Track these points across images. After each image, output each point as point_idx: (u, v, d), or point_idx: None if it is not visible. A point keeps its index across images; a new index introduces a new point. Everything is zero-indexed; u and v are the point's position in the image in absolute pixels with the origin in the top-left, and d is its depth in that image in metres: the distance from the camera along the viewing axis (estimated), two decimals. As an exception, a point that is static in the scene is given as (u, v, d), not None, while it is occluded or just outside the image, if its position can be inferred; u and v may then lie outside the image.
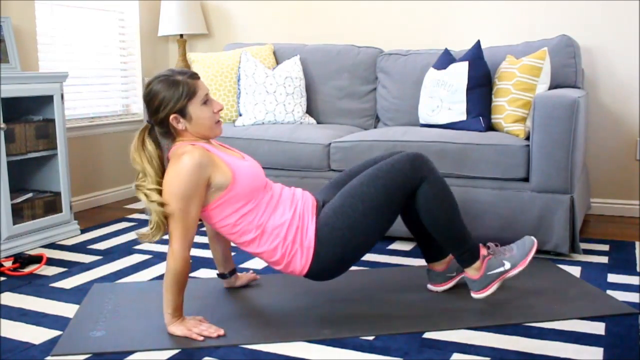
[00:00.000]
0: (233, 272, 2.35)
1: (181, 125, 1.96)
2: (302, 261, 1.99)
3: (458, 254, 2.10)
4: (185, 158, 1.87)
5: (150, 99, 1.95)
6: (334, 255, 1.99)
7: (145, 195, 1.92)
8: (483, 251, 2.10)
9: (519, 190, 2.72)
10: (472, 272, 2.09)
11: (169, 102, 1.93)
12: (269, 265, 2.08)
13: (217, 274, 2.36)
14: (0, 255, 2.72)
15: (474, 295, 2.12)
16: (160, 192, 1.91)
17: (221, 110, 2.00)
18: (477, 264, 2.08)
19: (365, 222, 1.98)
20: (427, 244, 2.26)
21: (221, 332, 1.92)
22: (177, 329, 1.93)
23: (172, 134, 2.01)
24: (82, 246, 2.97)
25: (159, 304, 2.21)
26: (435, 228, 2.06)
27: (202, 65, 3.54)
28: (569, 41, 3.10)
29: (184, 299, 1.95)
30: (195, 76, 1.97)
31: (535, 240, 2.12)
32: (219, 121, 2.02)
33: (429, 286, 2.30)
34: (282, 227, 1.97)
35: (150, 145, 1.97)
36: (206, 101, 1.97)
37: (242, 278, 2.38)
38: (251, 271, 2.47)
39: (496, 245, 2.14)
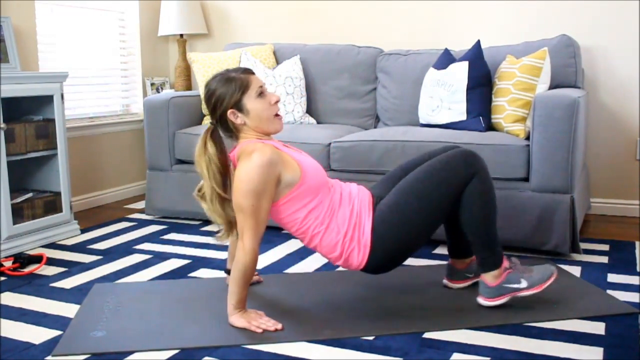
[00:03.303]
0: None
1: (240, 119, 2.01)
2: (359, 257, 2.03)
3: (483, 257, 2.09)
4: (255, 155, 1.91)
5: (208, 97, 2.03)
6: (390, 251, 2.03)
7: (205, 201, 2.04)
8: (505, 263, 2.10)
9: (519, 190, 2.72)
10: (489, 279, 2.10)
11: (224, 97, 1.99)
12: (328, 260, 2.12)
13: (225, 270, 2.37)
14: (0, 255, 2.72)
15: (481, 300, 2.12)
16: (220, 196, 2.01)
17: (278, 101, 2.03)
18: (497, 272, 2.09)
19: (419, 218, 2.02)
20: (457, 240, 2.27)
21: (279, 326, 1.96)
22: (238, 320, 1.97)
23: (234, 132, 2.05)
24: (82, 246, 2.97)
25: (160, 304, 2.21)
26: (471, 225, 2.06)
27: (202, 65, 3.54)
28: (569, 41, 3.11)
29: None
30: (248, 71, 2.04)
31: (556, 271, 2.12)
32: (277, 115, 2.05)
33: (445, 281, 2.32)
34: (344, 223, 2.01)
35: (211, 148, 2.02)
36: (261, 93, 2.01)
37: None
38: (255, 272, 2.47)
39: (519, 262, 2.14)
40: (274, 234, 3.04)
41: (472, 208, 2.03)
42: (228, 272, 2.36)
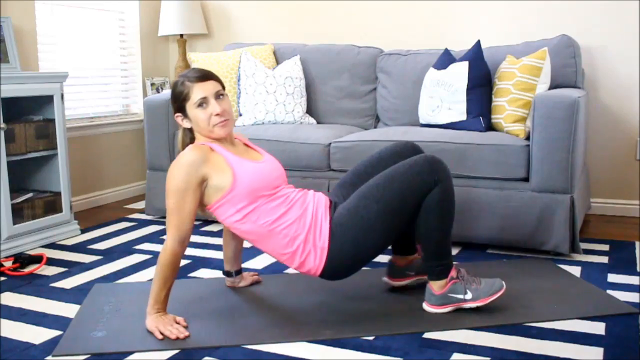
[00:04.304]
0: (239, 272, 2.36)
1: (185, 123, 2.07)
2: (316, 261, 2.00)
3: (432, 265, 2.07)
4: (181, 155, 1.98)
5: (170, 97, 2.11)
6: (347, 255, 2.00)
7: None
8: (453, 273, 2.07)
9: (519, 190, 2.72)
10: (435, 287, 2.08)
11: (172, 102, 2.09)
12: (283, 263, 2.10)
13: (223, 272, 2.37)
14: (0, 255, 2.72)
15: (426, 306, 2.10)
16: None
17: (219, 114, 2.00)
18: (443, 282, 2.06)
19: (378, 223, 1.99)
20: (401, 237, 2.22)
21: (182, 335, 1.91)
22: (149, 323, 1.96)
23: (191, 133, 2.11)
24: (82, 246, 2.97)
25: (159, 304, 2.21)
26: (425, 233, 2.03)
27: (202, 65, 3.54)
28: (569, 41, 3.11)
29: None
30: (202, 78, 2.02)
31: (505, 287, 2.08)
32: (220, 123, 2.02)
33: (385, 278, 2.30)
34: (293, 227, 1.99)
35: (182, 141, 2.15)
36: (202, 104, 2.00)
37: (246, 279, 2.39)
38: (253, 272, 2.47)
39: (468, 273, 2.11)
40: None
41: (429, 216, 2.00)
42: (226, 273, 2.36)
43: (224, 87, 2.08)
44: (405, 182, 1.99)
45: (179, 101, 2.04)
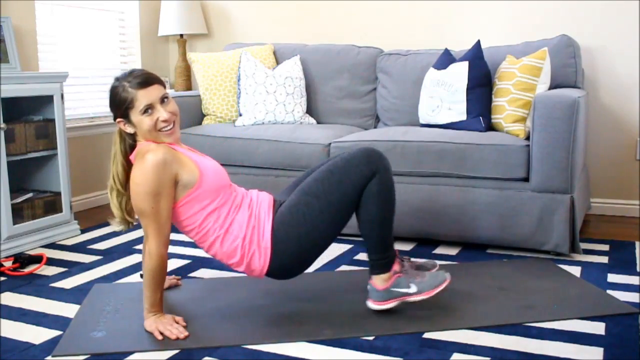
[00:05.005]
0: None
1: (129, 129, 2.02)
2: (260, 261, 2.00)
3: (374, 259, 2.05)
4: (149, 156, 1.91)
5: (109, 99, 2.07)
6: (291, 253, 2.00)
7: (111, 196, 2.06)
8: (396, 266, 2.05)
9: (519, 190, 2.72)
10: (378, 282, 2.05)
11: (114, 107, 2.03)
12: (229, 266, 2.08)
13: (141, 274, 2.34)
14: (0, 255, 2.72)
15: (370, 304, 2.07)
16: (117, 190, 2.04)
17: (166, 120, 1.97)
18: (386, 275, 2.04)
19: (320, 218, 1.98)
20: None
21: (181, 335, 1.91)
22: (148, 324, 1.96)
23: (133, 138, 2.06)
24: (82, 246, 2.97)
25: (159, 304, 2.21)
26: (366, 225, 2.01)
27: (202, 65, 3.54)
28: (569, 41, 3.10)
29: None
30: (146, 83, 1.97)
31: (449, 278, 2.06)
32: (167, 129, 1.99)
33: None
34: (242, 229, 1.99)
35: (120, 142, 2.09)
36: (147, 110, 1.96)
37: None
38: (173, 276, 2.46)
39: (411, 264, 2.09)
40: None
41: (368, 207, 1.99)
42: (142, 275, 2.35)
43: (165, 88, 2.05)
44: (344, 175, 1.99)
45: (122, 108, 1.98)
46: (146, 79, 1.98)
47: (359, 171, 1.98)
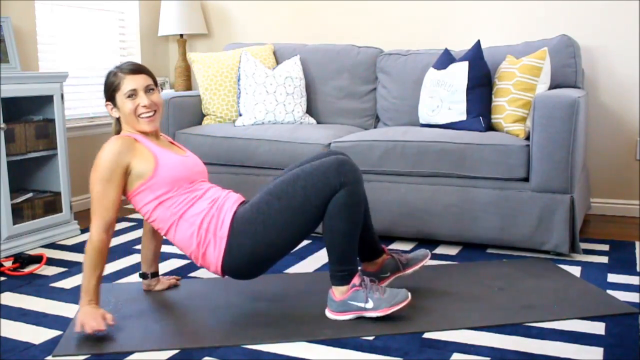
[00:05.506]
0: (155, 274, 2.36)
1: (114, 112, 2.15)
2: (215, 252, 2.01)
3: (334, 270, 2.03)
4: (105, 145, 2.04)
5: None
6: (245, 249, 1.99)
7: None
8: (356, 280, 2.03)
9: (519, 190, 2.72)
10: (336, 292, 2.04)
11: (104, 91, 2.16)
12: (188, 257, 2.11)
13: (139, 274, 2.37)
14: (0, 255, 2.72)
15: (328, 313, 2.07)
16: None
17: (146, 106, 2.09)
18: (345, 287, 2.03)
19: (279, 219, 1.98)
20: (362, 244, 2.18)
21: (98, 328, 1.88)
22: (79, 314, 1.94)
23: (120, 124, 2.18)
24: (82, 246, 2.97)
25: (159, 304, 2.22)
26: (329, 235, 2.00)
27: (202, 65, 3.54)
28: (569, 41, 3.11)
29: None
30: (134, 70, 2.11)
31: (409, 298, 2.02)
32: (147, 116, 2.10)
33: None
34: (199, 215, 2.03)
35: (114, 131, 2.21)
36: (131, 95, 2.09)
37: (163, 282, 2.38)
38: (173, 276, 2.47)
39: (372, 282, 2.06)
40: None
41: (333, 218, 1.97)
42: (142, 276, 2.36)
43: (156, 83, 2.16)
44: (310, 181, 1.97)
45: (109, 91, 2.12)
46: (137, 68, 2.14)
47: (326, 180, 1.96)
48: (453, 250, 2.83)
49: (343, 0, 3.89)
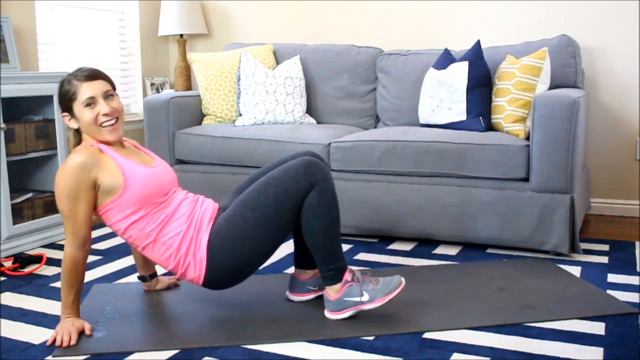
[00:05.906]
0: (153, 275, 2.35)
1: (73, 124, 2.01)
2: (195, 272, 1.99)
3: (324, 270, 2.03)
4: (70, 158, 1.92)
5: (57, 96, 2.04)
6: (227, 265, 1.98)
7: None
8: (347, 276, 2.02)
9: (519, 190, 2.72)
10: (331, 292, 2.04)
11: (59, 101, 2.01)
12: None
13: (138, 277, 2.35)
14: (0, 255, 2.72)
15: (327, 314, 2.06)
16: None
17: (107, 114, 1.96)
18: (338, 286, 2.02)
19: (256, 231, 1.96)
20: (301, 250, 2.18)
21: (67, 343, 1.86)
22: (56, 327, 1.93)
23: (79, 134, 2.05)
24: (82, 246, 2.97)
25: (159, 304, 2.22)
26: (310, 237, 1.99)
27: (202, 65, 3.54)
28: (569, 41, 3.11)
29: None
30: (91, 77, 1.97)
31: (404, 283, 2.03)
32: (109, 124, 1.97)
33: (287, 293, 2.23)
34: (176, 238, 1.97)
35: (73, 142, 2.07)
36: (89, 104, 1.95)
37: (163, 282, 2.37)
38: (173, 276, 2.45)
39: (364, 274, 2.06)
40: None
41: (311, 220, 1.96)
42: (141, 278, 2.35)
43: (114, 88, 2.03)
44: (281, 187, 1.96)
45: (65, 101, 1.97)
46: (92, 73, 1.99)
47: (296, 183, 1.95)
48: (453, 250, 2.83)
49: (343, 0, 3.90)
